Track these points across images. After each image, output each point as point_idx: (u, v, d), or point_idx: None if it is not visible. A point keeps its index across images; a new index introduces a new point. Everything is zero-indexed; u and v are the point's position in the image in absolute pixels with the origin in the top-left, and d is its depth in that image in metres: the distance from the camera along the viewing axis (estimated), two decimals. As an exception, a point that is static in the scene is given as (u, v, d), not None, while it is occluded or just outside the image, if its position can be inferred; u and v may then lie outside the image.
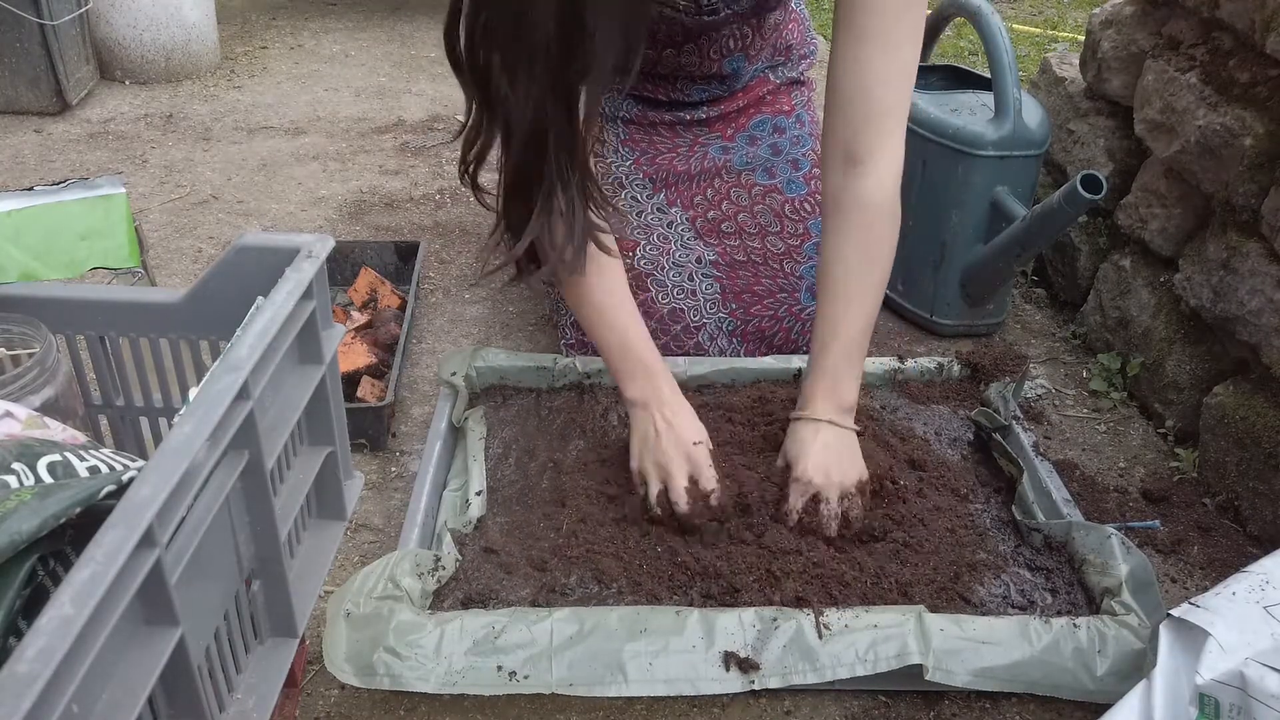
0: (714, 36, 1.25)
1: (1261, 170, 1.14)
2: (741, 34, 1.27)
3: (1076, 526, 1.01)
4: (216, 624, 0.62)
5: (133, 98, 2.31)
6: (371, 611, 0.86)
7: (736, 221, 1.33)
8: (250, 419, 0.62)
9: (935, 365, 1.27)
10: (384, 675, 0.83)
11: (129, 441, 0.87)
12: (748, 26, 1.26)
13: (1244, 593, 0.79)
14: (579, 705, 0.91)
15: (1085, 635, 0.87)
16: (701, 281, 1.31)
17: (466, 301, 1.57)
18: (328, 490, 0.80)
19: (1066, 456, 1.26)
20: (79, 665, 0.45)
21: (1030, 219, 1.32)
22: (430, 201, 1.88)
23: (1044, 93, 1.68)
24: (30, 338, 0.76)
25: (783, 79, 1.40)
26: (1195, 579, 1.08)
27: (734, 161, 1.35)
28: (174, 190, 1.89)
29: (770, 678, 0.85)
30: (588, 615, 0.87)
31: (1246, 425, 1.13)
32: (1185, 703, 0.75)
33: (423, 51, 2.67)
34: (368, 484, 1.18)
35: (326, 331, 0.75)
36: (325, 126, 2.20)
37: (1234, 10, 1.19)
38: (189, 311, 0.79)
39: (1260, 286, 1.13)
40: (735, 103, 1.37)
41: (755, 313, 1.32)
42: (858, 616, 0.88)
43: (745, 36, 1.27)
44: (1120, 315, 1.41)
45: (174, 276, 1.60)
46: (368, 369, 1.31)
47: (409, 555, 0.92)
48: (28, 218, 0.87)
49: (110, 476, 0.57)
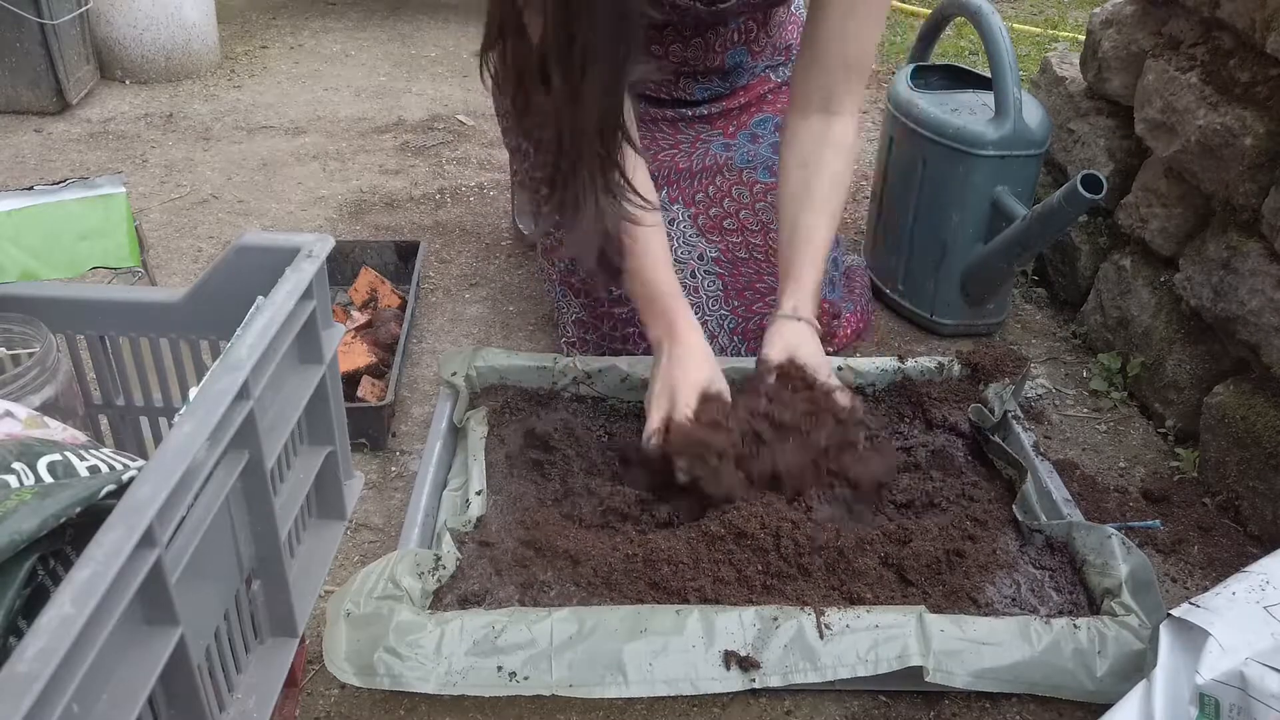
0: (720, 30, 1.26)
1: (1262, 170, 1.14)
2: (747, 28, 1.28)
3: (1077, 527, 1.01)
4: (216, 624, 0.62)
5: (133, 97, 2.31)
6: (372, 611, 0.85)
7: (738, 218, 1.33)
8: (250, 419, 0.62)
9: (935, 365, 1.27)
10: (384, 675, 0.82)
11: (129, 441, 0.87)
12: (753, 21, 1.28)
13: (1244, 593, 0.79)
14: (579, 705, 0.91)
15: (1085, 636, 0.87)
16: (704, 279, 1.31)
17: (466, 301, 1.57)
18: (328, 490, 0.80)
19: (1066, 456, 1.26)
20: (79, 665, 0.45)
21: (1030, 219, 1.32)
22: (430, 201, 1.88)
23: (1044, 92, 1.68)
24: (30, 337, 0.76)
25: (785, 78, 1.40)
26: (1195, 579, 1.08)
27: (736, 159, 1.35)
28: (174, 190, 1.89)
29: (771, 677, 0.85)
30: (588, 615, 0.87)
31: (1246, 425, 1.13)
32: (1185, 703, 0.75)
33: (423, 51, 2.67)
34: (368, 484, 1.18)
35: (326, 331, 0.75)
36: (325, 126, 2.20)
37: (1234, 10, 1.19)
38: (189, 311, 0.79)
39: (1260, 286, 1.13)
40: (737, 100, 1.37)
41: (757, 310, 1.32)
42: (859, 616, 0.88)
43: (750, 30, 1.29)
44: (1120, 315, 1.41)
45: (174, 276, 1.60)
46: (368, 369, 1.31)
47: (409, 555, 0.92)
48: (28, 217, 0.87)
49: (110, 476, 0.57)
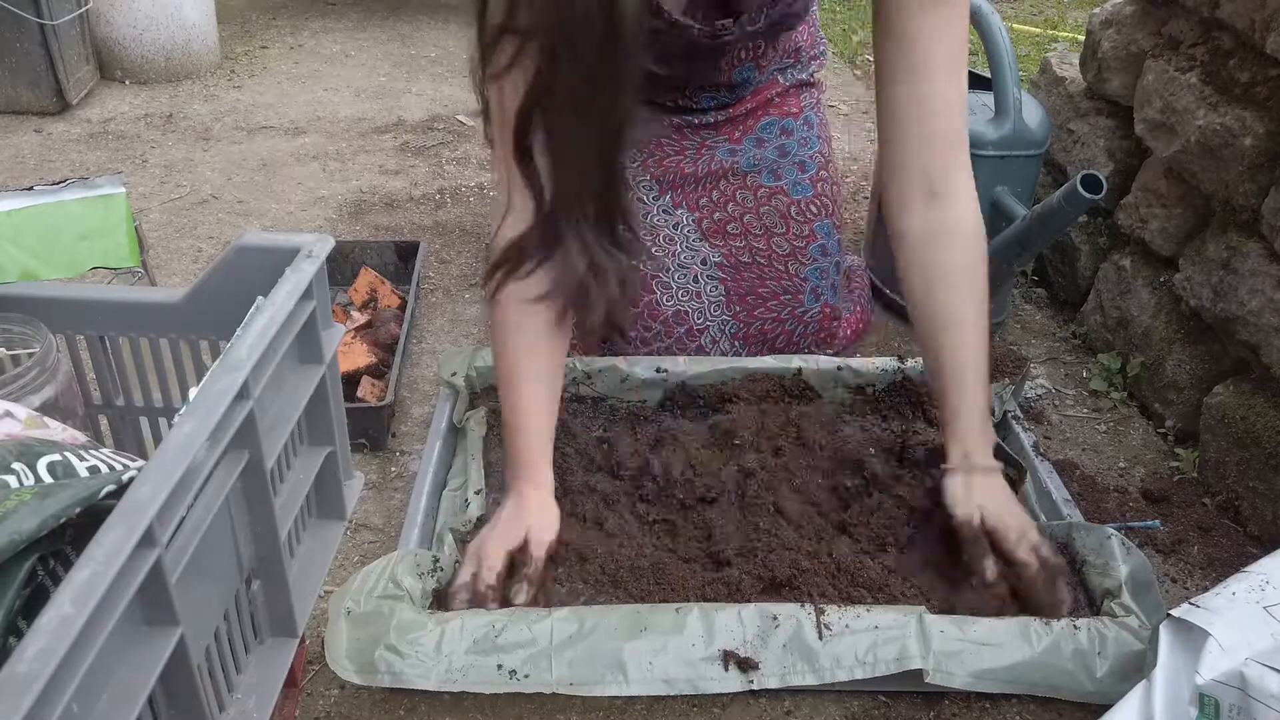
0: (726, 51, 1.25)
1: (1261, 170, 1.14)
2: (754, 46, 1.27)
3: (1076, 527, 1.01)
4: (216, 624, 0.63)
5: (133, 97, 2.31)
6: (372, 610, 0.86)
7: (742, 223, 1.33)
8: (250, 419, 0.62)
9: (935, 365, 1.27)
10: (385, 673, 0.83)
11: (129, 441, 0.87)
12: (761, 40, 1.26)
13: (1244, 593, 0.79)
14: (579, 705, 0.91)
15: (1085, 636, 0.87)
16: (706, 284, 1.31)
17: (466, 301, 1.57)
18: (328, 490, 0.80)
19: (1066, 456, 1.26)
20: (79, 665, 0.45)
21: (1030, 219, 1.32)
22: (430, 201, 1.88)
23: (1044, 92, 1.68)
24: (30, 338, 0.76)
25: (792, 81, 1.39)
26: (1195, 579, 1.08)
27: (741, 164, 1.35)
28: (174, 190, 1.89)
29: (769, 677, 0.85)
30: (588, 614, 0.87)
31: (1246, 425, 1.13)
32: (1185, 703, 0.75)
33: (423, 51, 2.67)
34: (368, 484, 1.18)
35: (326, 331, 0.75)
36: (325, 126, 2.20)
37: (1234, 10, 1.19)
38: (189, 311, 0.79)
39: (1260, 286, 1.13)
40: (743, 106, 1.36)
41: (759, 315, 1.31)
42: (859, 616, 0.88)
43: (757, 48, 1.28)
44: (1120, 315, 1.41)
45: (174, 276, 1.60)
46: (368, 369, 1.31)
47: (409, 555, 0.92)
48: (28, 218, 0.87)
49: (110, 476, 0.57)
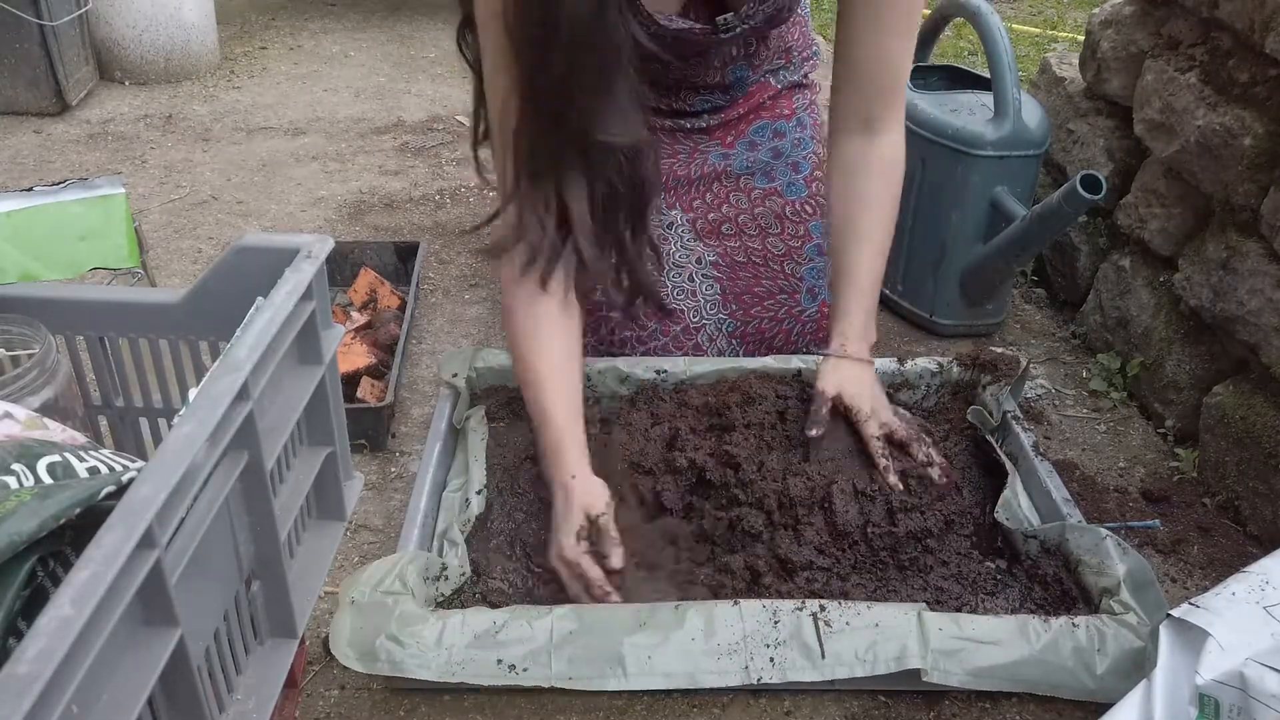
0: (720, 49, 1.25)
1: (1261, 170, 1.14)
2: (747, 44, 1.27)
3: (1070, 529, 1.00)
4: (216, 625, 0.62)
5: (132, 98, 2.31)
6: (377, 601, 0.87)
7: (736, 223, 1.33)
8: (250, 419, 0.62)
9: (935, 365, 1.27)
10: (385, 661, 0.84)
11: (129, 442, 0.87)
12: (754, 37, 1.26)
13: (1244, 593, 0.79)
14: (579, 705, 0.91)
15: (1084, 634, 0.87)
16: (701, 283, 1.30)
17: (466, 302, 1.57)
18: (328, 491, 0.80)
19: (1066, 456, 1.26)
20: (79, 666, 0.45)
21: (1030, 219, 1.32)
22: (430, 202, 1.88)
23: (1044, 93, 1.68)
24: (30, 338, 0.76)
25: (784, 83, 1.39)
26: (1195, 579, 1.08)
27: (734, 167, 1.34)
28: (174, 191, 1.89)
29: (769, 673, 0.85)
30: (588, 613, 0.88)
31: (1246, 425, 1.13)
32: (1185, 703, 0.75)
33: (423, 52, 2.67)
34: (368, 484, 1.18)
35: (326, 332, 0.75)
36: (325, 127, 2.20)
37: (1233, 10, 1.19)
38: (189, 312, 0.79)
39: (1260, 286, 1.13)
40: (736, 110, 1.36)
41: (755, 314, 1.31)
42: (859, 614, 0.88)
43: (750, 46, 1.27)
44: (1120, 315, 1.41)
45: (174, 276, 1.60)
46: (367, 369, 1.31)
47: (420, 557, 0.93)
48: (27, 218, 0.87)
49: (110, 477, 0.57)
